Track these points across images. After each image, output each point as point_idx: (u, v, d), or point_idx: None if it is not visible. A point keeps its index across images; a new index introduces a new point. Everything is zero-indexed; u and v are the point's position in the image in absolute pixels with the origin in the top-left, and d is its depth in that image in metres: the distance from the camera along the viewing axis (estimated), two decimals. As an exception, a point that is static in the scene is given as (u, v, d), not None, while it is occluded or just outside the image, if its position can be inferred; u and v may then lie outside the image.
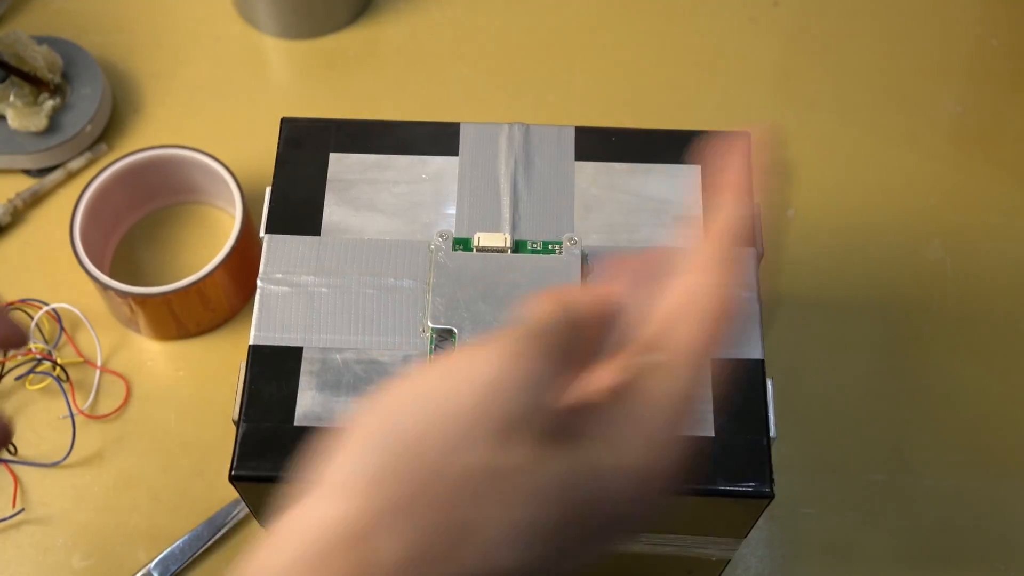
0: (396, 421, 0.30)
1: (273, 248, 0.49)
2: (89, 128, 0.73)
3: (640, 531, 0.35)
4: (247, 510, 0.62)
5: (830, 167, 0.74)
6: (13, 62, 0.71)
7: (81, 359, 0.66)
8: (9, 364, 0.65)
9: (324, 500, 0.29)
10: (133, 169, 0.68)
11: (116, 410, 0.65)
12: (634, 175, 0.51)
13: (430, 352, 0.46)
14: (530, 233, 0.49)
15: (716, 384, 0.46)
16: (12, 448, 0.64)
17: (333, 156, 0.52)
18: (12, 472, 0.63)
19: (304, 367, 0.46)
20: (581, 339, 0.32)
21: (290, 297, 0.48)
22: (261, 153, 0.70)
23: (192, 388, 0.66)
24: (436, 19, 0.80)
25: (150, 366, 0.67)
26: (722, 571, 0.56)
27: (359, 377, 0.46)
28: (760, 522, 0.61)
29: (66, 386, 0.65)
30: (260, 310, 0.48)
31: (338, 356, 0.47)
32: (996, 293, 0.70)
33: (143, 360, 0.67)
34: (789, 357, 0.67)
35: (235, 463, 0.44)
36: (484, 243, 0.48)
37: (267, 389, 0.46)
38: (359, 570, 0.28)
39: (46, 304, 0.66)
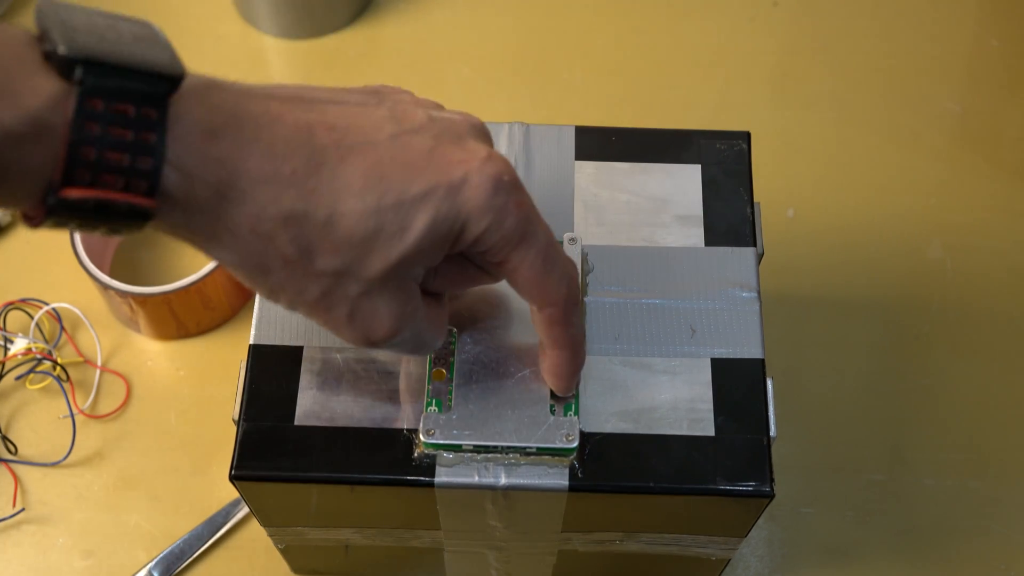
0: None
1: (273, 248, 0.49)
2: (89, 128, 0.72)
3: None
4: (247, 510, 0.62)
5: (830, 167, 0.74)
6: (13, 62, 0.70)
7: (81, 359, 0.66)
8: (9, 364, 0.65)
9: None
10: (133, 169, 0.68)
11: (116, 410, 0.65)
12: (634, 175, 0.51)
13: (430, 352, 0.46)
14: (530, 233, 0.49)
15: (716, 384, 0.46)
16: (12, 447, 0.64)
17: (333, 156, 0.51)
18: (12, 472, 0.64)
19: (304, 367, 0.46)
20: None
21: (290, 297, 0.48)
22: (261, 153, 0.70)
23: (192, 388, 0.66)
24: (436, 19, 0.80)
25: (150, 366, 0.67)
26: (722, 571, 0.56)
27: (359, 377, 0.46)
28: (760, 522, 0.61)
29: (66, 386, 0.65)
30: (260, 310, 0.48)
31: (338, 356, 0.47)
32: (996, 293, 0.70)
33: (143, 360, 0.67)
34: (789, 357, 0.67)
35: (235, 463, 0.44)
36: (484, 243, 0.48)
37: (267, 389, 0.46)
38: None
39: (46, 304, 0.66)
